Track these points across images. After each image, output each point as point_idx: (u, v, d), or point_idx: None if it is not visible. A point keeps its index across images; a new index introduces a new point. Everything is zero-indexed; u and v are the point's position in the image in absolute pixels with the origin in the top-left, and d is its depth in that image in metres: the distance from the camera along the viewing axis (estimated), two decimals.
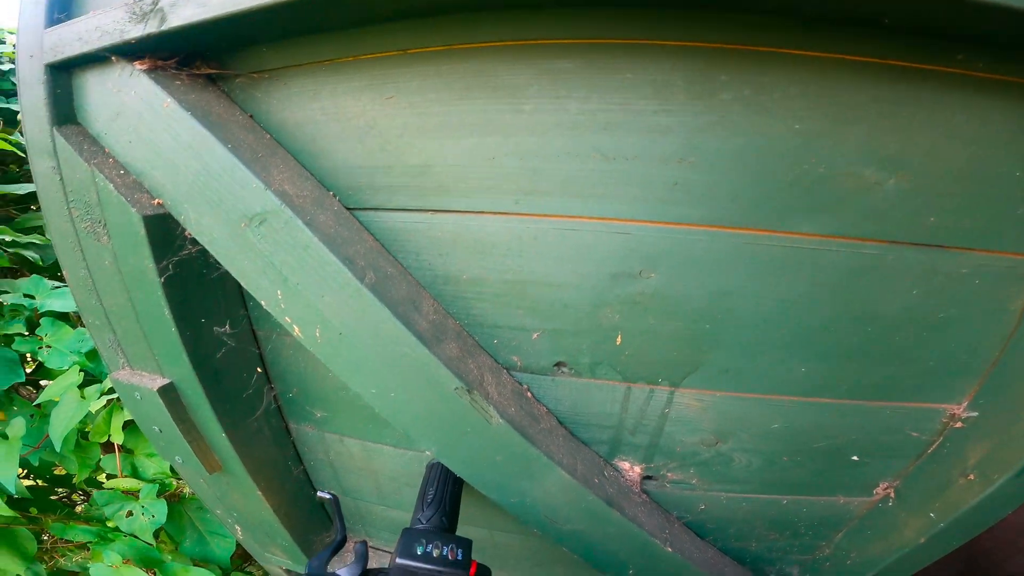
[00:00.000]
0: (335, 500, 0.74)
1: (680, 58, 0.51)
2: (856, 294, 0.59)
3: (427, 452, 0.87)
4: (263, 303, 0.65)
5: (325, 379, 0.84)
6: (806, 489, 0.78)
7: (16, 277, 1.50)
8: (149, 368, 0.80)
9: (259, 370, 0.86)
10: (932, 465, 0.72)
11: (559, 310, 0.62)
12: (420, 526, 0.69)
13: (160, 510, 1.33)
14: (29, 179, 1.79)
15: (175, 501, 1.43)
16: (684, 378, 0.65)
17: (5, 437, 1.22)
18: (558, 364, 0.65)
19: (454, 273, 0.64)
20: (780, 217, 0.55)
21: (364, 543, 0.67)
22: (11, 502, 1.42)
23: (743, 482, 0.77)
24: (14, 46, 2.25)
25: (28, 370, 1.44)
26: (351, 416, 0.88)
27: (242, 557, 1.74)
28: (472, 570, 0.63)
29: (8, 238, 1.50)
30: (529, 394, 0.68)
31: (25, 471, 1.60)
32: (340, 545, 0.68)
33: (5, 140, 1.64)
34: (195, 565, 1.48)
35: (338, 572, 0.63)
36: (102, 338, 0.81)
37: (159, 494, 1.36)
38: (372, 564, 1.26)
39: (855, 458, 0.73)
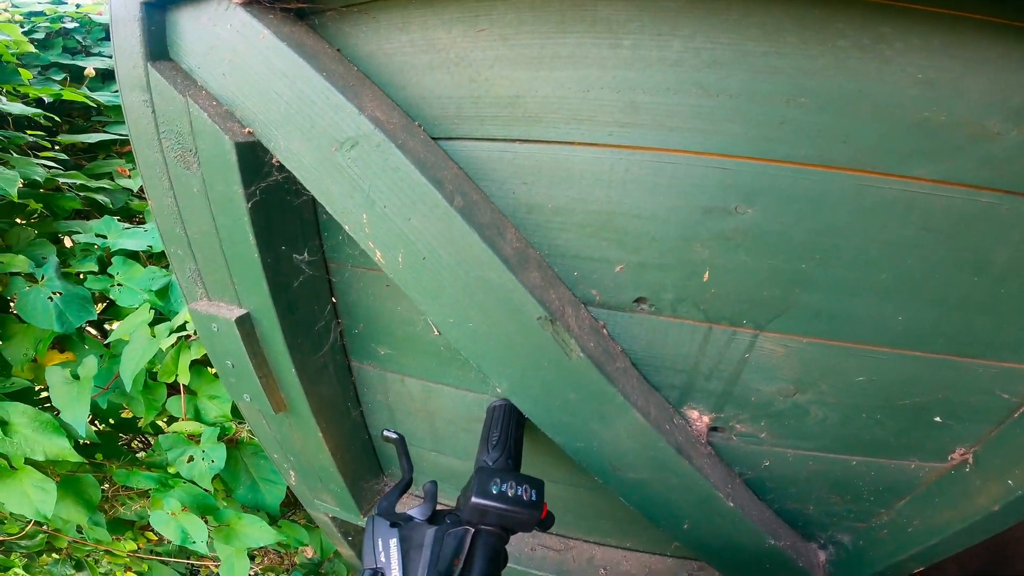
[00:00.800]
0: (401, 440, 0.74)
1: (793, 4, 0.50)
2: (966, 242, 0.56)
3: (487, 395, 0.87)
4: (347, 227, 0.65)
5: (393, 314, 0.85)
6: (879, 450, 0.76)
7: (88, 219, 1.55)
8: (227, 298, 0.82)
9: (333, 300, 0.87)
10: (1017, 429, 0.69)
11: (646, 243, 0.61)
12: (485, 468, 0.69)
13: (219, 455, 1.37)
14: (96, 130, 1.85)
15: (232, 446, 1.47)
16: (771, 321, 0.63)
17: (77, 377, 1.25)
18: (638, 300, 0.64)
19: (538, 202, 0.63)
20: (894, 160, 0.53)
21: (434, 483, 0.67)
22: (78, 448, 1.47)
23: (814, 438, 0.75)
24: (77, 6, 2.34)
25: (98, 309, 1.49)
26: (415, 354, 0.88)
27: (286, 505, 1.79)
28: (543, 512, 0.63)
29: (79, 182, 1.55)
30: (605, 331, 0.67)
31: (92, 415, 1.66)
32: (407, 486, 0.69)
33: (75, 92, 1.70)
34: (245, 512, 1.53)
35: (409, 512, 0.64)
36: (183, 268, 0.83)
37: (219, 438, 1.39)
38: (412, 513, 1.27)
39: (937, 419, 0.71)
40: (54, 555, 1.76)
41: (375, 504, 1.29)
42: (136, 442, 1.95)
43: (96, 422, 1.72)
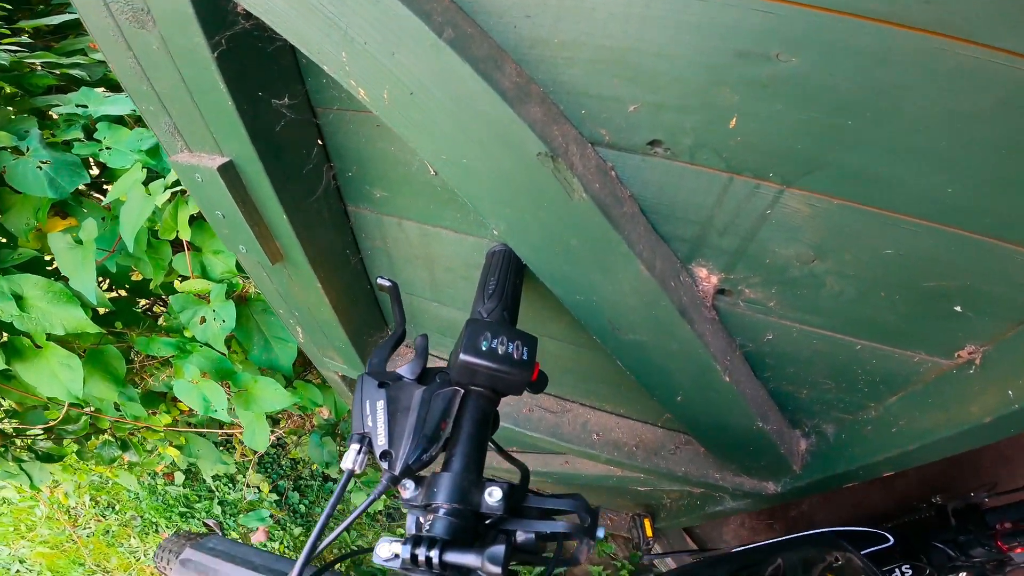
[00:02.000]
0: (394, 287, 0.69)
1: None
2: None
3: (487, 239, 0.83)
4: (326, 68, 0.58)
5: (387, 155, 0.79)
6: (888, 336, 0.71)
7: (66, 94, 1.49)
8: (208, 147, 0.77)
9: (320, 142, 0.82)
10: None
11: (666, 83, 0.52)
12: (478, 319, 0.64)
13: (229, 313, 1.37)
14: (59, 13, 1.73)
15: (242, 304, 1.47)
16: (801, 177, 0.56)
17: (80, 242, 1.24)
18: (653, 143, 0.56)
19: (543, 36, 0.54)
20: (981, 27, 0.43)
21: (425, 337, 0.63)
22: (96, 318, 1.49)
23: (825, 314, 0.70)
24: None
25: (94, 173, 1.45)
26: (411, 195, 0.84)
27: (302, 365, 1.86)
28: (535, 373, 0.59)
29: (51, 60, 1.48)
30: (613, 173, 0.60)
31: (106, 283, 1.69)
32: (399, 340, 0.65)
33: None
34: (262, 374, 1.58)
35: (399, 371, 0.60)
36: (158, 124, 0.78)
37: (227, 295, 1.39)
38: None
39: (958, 308, 0.65)
40: (102, 437, 1.86)
41: None
42: (158, 306, 1.99)
43: (113, 289, 1.74)
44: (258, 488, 2.39)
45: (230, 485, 2.48)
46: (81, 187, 1.28)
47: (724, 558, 1.04)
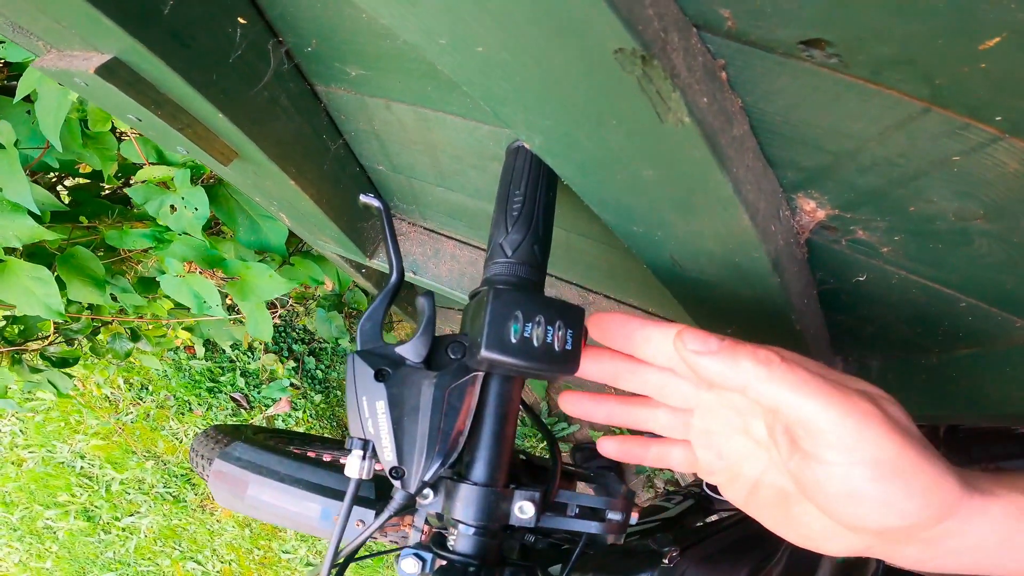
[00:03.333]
0: (384, 210, 0.51)
1: None
2: None
3: (509, 131, 0.62)
4: None
5: (358, 24, 0.56)
6: (1006, 302, 0.54)
7: None
8: (76, 45, 0.55)
9: (242, 20, 0.59)
10: None
11: None
12: (503, 260, 0.47)
13: (200, 200, 1.20)
14: None
15: (216, 184, 1.29)
16: None
17: (1, 147, 1.03)
18: (811, 43, 0.33)
19: None
20: None
21: (430, 297, 0.47)
22: (58, 217, 1.32)
23: (948, 269, 0.53)
24: None
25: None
26: (399, 75, 0.62)
27: (298, 237, 1.73)
28: (579, 362, 0.43)
29: None
30: (724, 75, 0.37)
31: (56, 175, 1.48)
32: (395, 291, 0.48)
33: None
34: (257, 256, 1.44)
35: (399, 351, 0.45)
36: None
37: (194, 180, 1.21)
38: (416, 250, 1.15)
39: None
40: (111, 328, 1.79)
41: (379, 248, 1.16)
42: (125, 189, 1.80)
43: (68, 181, 1.54)
44: (272, 369, 2.41)
45: (249, 354, 2.49)
46: None
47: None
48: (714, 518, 1.12)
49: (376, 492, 1.03)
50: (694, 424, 0.43)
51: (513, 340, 0.39)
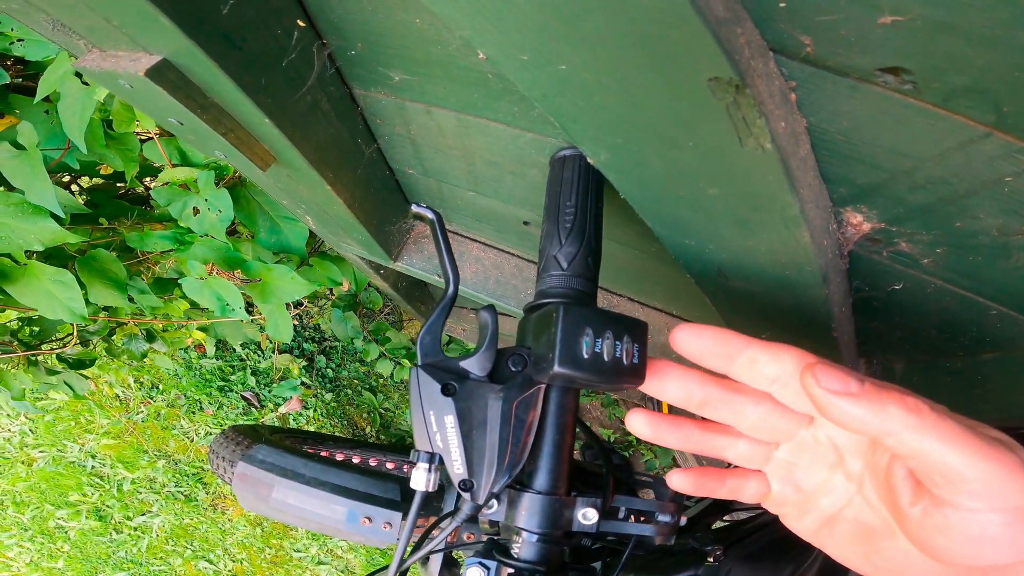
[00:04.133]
0: (439, 222, 0.53)
1: None
2: None
3: (554, 139, 0.62)
4: None
5: (409, 30, 0.56)
6: None
7: None
8: (123, 45, 0.55)
9: (300, 23, 0.59)
10: None
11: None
12: (559, 273, 0.48)
13: (224, 202, 1.21)
14: None
15: (238, 186, 1.30)
16: None
17: (22, 147, 1.03)
18: (890, 70, 0.34)
19: None
20: None
21: (492, 309, 0.48)
22: (78, 219, 1.32)
23: (983, 280, 0.54)
24: None
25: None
26: (445, 81, 0.62)
27: (317, 237, 1.73)
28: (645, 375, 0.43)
29: None
30: (793, 97, 0.37)
31: (75, 175, 1.48)
32: (452, 302, 0.50)
33: None
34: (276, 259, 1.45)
35: (464, 365, 0.46)
36: (37, 23, 0.56)
37: (218, 182, 1.22)
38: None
39: None
40: (126, 328, 1.79)
41: (403, 250, 1.17)
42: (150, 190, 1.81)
43: (84, 180, 1.55)
44: (286, 369, 2.42)
45: (260, 353, 2.50)
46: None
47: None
48: (729, 517, 1.13)
49: (400, 494, 1.04)
50: (777, 456, 0.42)
51: (585, 355, 0.40)
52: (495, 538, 0.49)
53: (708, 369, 0.40)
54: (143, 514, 2.59)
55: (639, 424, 0.43)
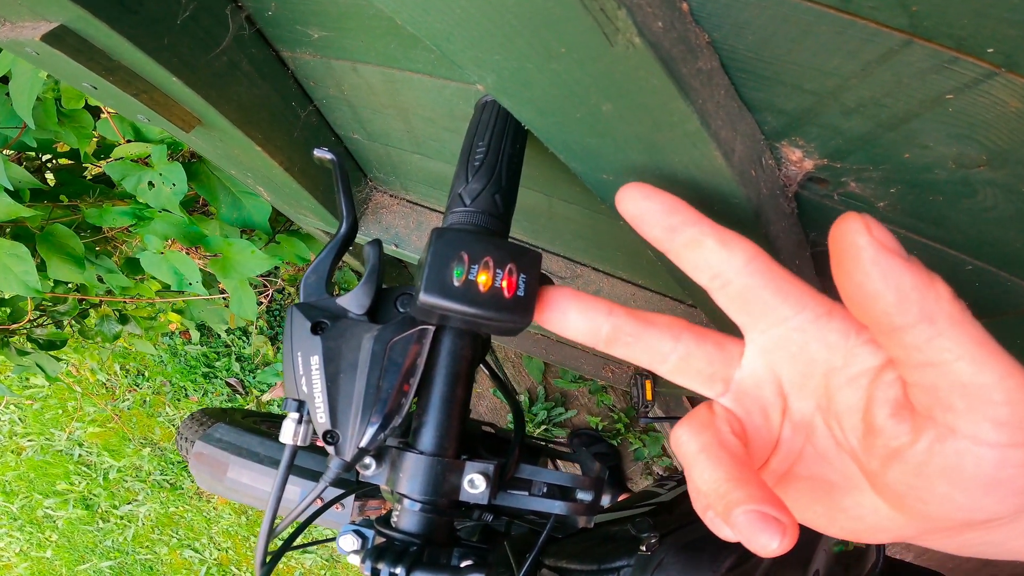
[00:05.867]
0: (338, 164, 0.47)
1: None
2: None
3: (476, 87, 0.59)
4: None
5: None
6: (1014, 264, 0.51)
7: None
8: (23, 14, 0.53)
9: None
10: None
11: None
12: (461, 210, 0.43)
13: (178, 175, 1.18)
14: None
15: (195, 161, 1.27)
16: None
17: None
18: None
19: None
20: None
21: (376, 244, 0.43)
22: (36, 196, 1.30)
23: (950, 227, 0.49)
24: None
25: None
26: (362, 34, 0.60)
27: (286, 217, 1.70)
28: (535, 310, 0.37)
29: None
30: (686, 6, 0.34)
31: (37, 153, 1.45)
32: (346, 241, 0.45)
33: None
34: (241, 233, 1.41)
35: (340, 301, 0.41)
36: None
37: (172, 156, 1.19)
38: (398, 222, 1.11)
39: None
40: (100, 310, 1.77)
41: (360, 221, 1.13)
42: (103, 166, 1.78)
43: (51, 161, 1.52)
44: (264, 352, 2.39)
45: (244, 339, 2.46)
46: None
47: None
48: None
49: (356, 475, 1.00)
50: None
51: (456, 284, 0.34)
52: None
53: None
54: (129, 503, 2.58)
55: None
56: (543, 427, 2.21)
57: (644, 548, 0.57)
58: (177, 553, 2.52)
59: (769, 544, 0.24)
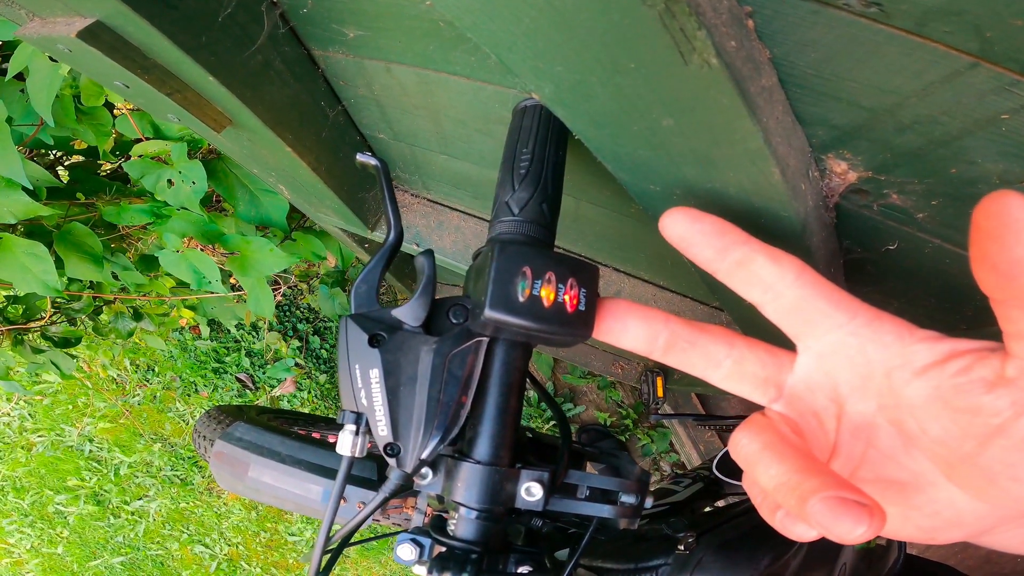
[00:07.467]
0: (383, 170, 0.47)
1: None
2: None
3: (515, 91, 0.59)
4: None
5: None
6: None
7: None
8: (57, 10, 0.53)
9: None
10: None
11: None
12: (509, 219, 0.43)
13: (198, 174, 1.18)
14: None
15: (214, 159, 1.27)
16: None
17: None
18: None
19: None
20: None
21: (430, 254, 0.43)
22: (55, 194, 1.31)
23: None
24: None
25: None
26: (400, 34, 0.59)
27: (300, 212, 1.70)
28: (595, 324, 0.38)
29: None
30: (751, 23, 0.33)
31: (53, 153, 1.45)
32: (393, 251, 0.45)
33: None
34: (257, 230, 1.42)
35: (396, 313, 0.41)
36: None
37: (191, 154, 1.19)
38: (419, 221, 1.11)
39: None
40: (114, 307, 1.77)
41: (381, 219, 1.13)
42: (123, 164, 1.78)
43: (66, 157, 1.52)
44: (276, 348, 2.39)
45: (254, 334, 2.47)
46: None
47: None
48: (722, 503, 1.09)
49: (378, 473, 1.01)
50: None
51: (520, 299, 0.35)
52: (444, 515, 0.45)
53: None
54: (140, 498, 2.59)
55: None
56: (552, 423, 2.22)
57: (682, 547, 0.58)
58: (188, 549, 2.53)
59: (855, 529, 0.24)
